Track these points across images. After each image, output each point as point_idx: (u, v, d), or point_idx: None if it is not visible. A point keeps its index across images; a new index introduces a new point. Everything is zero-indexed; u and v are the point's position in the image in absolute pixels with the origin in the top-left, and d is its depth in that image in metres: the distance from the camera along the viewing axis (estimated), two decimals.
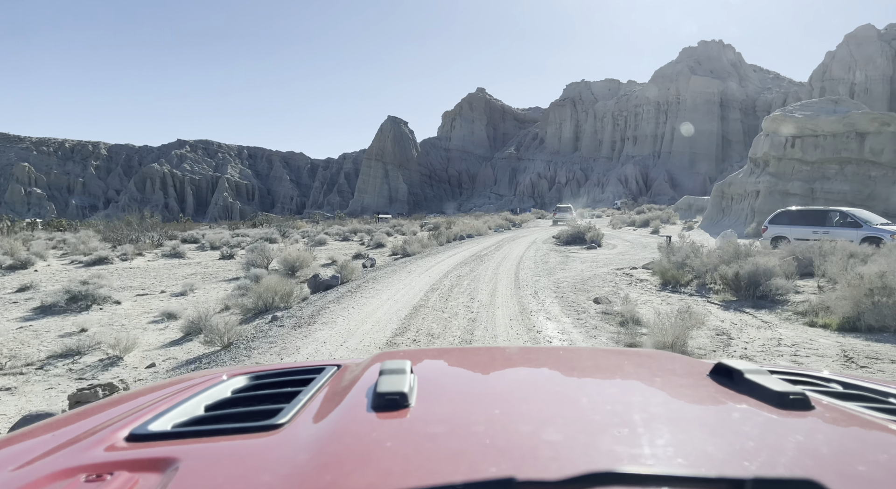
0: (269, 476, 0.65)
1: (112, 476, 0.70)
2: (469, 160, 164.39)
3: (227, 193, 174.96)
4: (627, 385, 1.10)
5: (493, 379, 1.17)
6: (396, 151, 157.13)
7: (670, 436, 0.73)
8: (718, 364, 1.13)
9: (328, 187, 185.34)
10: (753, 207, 27.22)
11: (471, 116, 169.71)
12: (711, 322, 7.80)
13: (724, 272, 9.83)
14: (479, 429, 0.75)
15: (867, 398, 1.04)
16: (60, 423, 1.03)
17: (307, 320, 8.29)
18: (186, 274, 15.38)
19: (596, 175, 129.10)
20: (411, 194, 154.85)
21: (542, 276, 13.23)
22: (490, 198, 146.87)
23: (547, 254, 19.61)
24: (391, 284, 11.88)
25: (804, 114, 25.96)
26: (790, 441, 0.74)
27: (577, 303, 9.62)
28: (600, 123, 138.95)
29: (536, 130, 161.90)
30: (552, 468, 0.60)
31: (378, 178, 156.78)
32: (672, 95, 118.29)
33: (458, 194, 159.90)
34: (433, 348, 1.73)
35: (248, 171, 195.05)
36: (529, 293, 10.72)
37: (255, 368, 1.35)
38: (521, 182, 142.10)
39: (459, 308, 9.08)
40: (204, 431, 0.84)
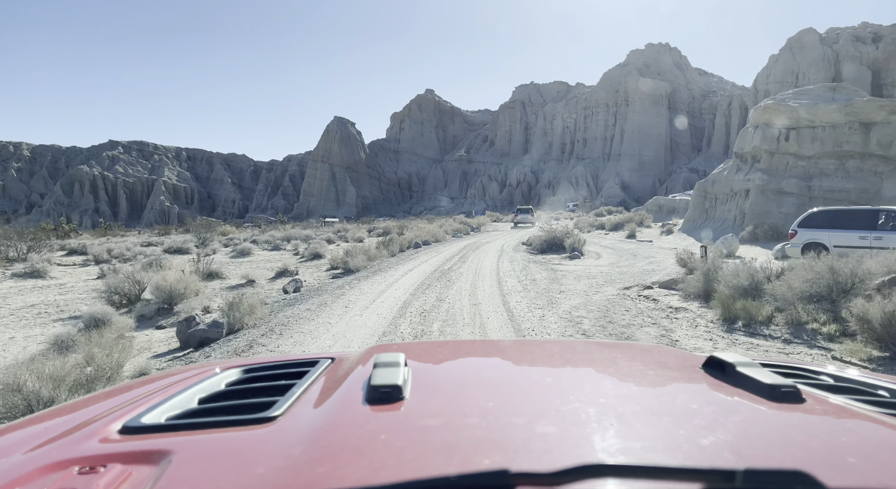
0: (262, 468, 0.65)
1: (105, 468, 0.70)
2: (419, 162, 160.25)
3: (163, 197, 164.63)
4: (621, 378, 1.10)
5: (487, 372, 1.17)
6: (343, 153, 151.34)
7: (663, 429, 0.73)
8: (711, 357, 1.14)
9: (272, 190, 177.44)
10: (743, 208, 24.04)
11: (420, 118, 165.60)
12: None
13: (862, 311, 5.92)
14: (473, 422, 0.75)
15: (857, 390, 1.05)
16: (53, 415, 1.02)
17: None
18: (19, 306, 10.45)
19: (547, 177, 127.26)
20: (360, 197, 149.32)
21: (543, 307, 9.06)
22: (441, 201, 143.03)
23: (526, 266, 15.56)
24: (312, 333, 7.38)
25: (800, 102, 22.96)
26: (781, 433, 0.75)
27: None
28: (550, 126, 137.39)
29: (486, 133, 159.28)
30: (545, 460, 0.61)
31: (324, 181, 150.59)
32: (621, 97, 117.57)
33: (409, 197, 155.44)
34: (427, 341, 1.65)
35: (186, 173, 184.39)
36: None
37: (248, 361, 1.33)
38: (472, 185, 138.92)
39: None
40: (197, 424, 0.84)
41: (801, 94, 24.24)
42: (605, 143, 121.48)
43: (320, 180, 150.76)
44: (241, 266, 18.04)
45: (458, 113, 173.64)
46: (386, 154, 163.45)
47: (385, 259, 17.74)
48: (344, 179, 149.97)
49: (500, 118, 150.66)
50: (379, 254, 17.76)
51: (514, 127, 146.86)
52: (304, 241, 24.67)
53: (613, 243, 24.39)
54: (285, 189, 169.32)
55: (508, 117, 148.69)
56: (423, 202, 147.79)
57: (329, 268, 16.07)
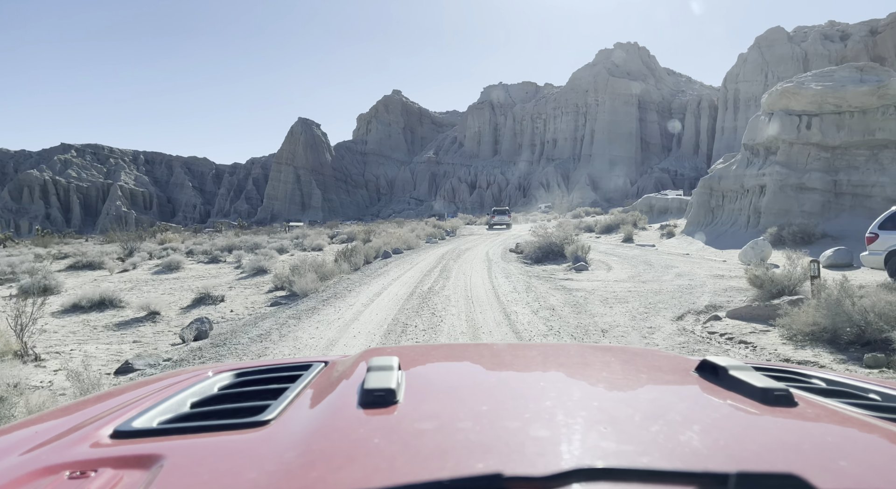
0: (255, 473, 0.64)
1: (96, 473, 0.69)
2: (387, 164, 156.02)
3: (120, 202, 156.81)
4: (614, 381, 1.09)
5: (481, 375, 1.16)
6: (309, 155, 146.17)
7: (656, 432, 0.73)
8: (704, 361, 1.13)
9: (235, 194, 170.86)
10: (757, 207, 20.93)
11: (387, 119, 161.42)
12: None
13: None
14: (467, 426, 0.75)
15: (849, 394, 1.05)
16: (43, 419, 1.01)
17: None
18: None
19: (517, 179, 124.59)
20: (326, 200, 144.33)
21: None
22: (410, 203, 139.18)
23: (529, 283, 11.95)
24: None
25: (823, 84, 19.99)
26: (774, 436, 0.75)
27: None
28: (519, 126, 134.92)
29: (455, 134, 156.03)
30: (539, 464, 0.61)
31: (289, 184, 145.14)
32: (591, 97, 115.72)
33: (377, 200, 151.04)
34: (421, 345, 1.64)
35: (144, 177, 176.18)
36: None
37: (241, 365, 1.32)
38: (441, 187, 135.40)
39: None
40: (190, 428, 0.83)
41: (822, 75, 21.29)
42: (575, 144, 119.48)
43: (284, 183, 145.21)
44: (161, 285, 13.97)
45: (426, 114, 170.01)
46: (353, 156, 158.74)
47: (346, 276, 13.86)
48: (309, 182, 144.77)
49: (469, 119, 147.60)
50: (338, 270, 13.88)
51: (483, 128, 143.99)
52: (252, 251, 20.58)
53: (613, 248, 21.03)
54: (249, 193, 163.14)
55: (477, 118, 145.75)
56: (391, 205, 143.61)
57: (270, 290, 12.19)
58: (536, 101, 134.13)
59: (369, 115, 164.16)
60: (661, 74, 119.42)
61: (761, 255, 15.75)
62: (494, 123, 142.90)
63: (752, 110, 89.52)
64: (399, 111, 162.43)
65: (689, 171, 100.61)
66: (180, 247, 23.06)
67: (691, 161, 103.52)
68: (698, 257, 18.13)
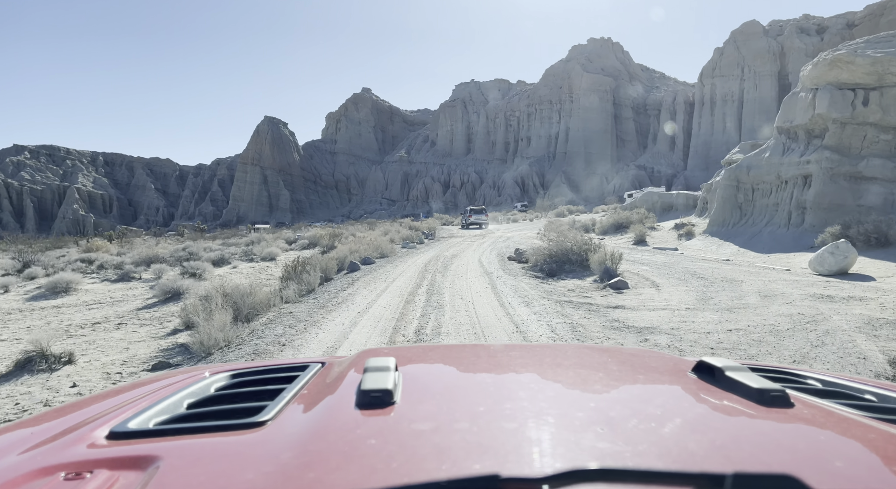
0: (252, 474, 0.64)
1: (92, 474, 0.68)
2: (357, 164, 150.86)
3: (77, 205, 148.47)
4: (610, 382, 1.09)
5: (478, 376, 1.15)
6: (276, 155, 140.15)
7: (652, 433, 0.73)
8: (700, 361, 1.12)
9: (200, 196, 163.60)
10: (800, 201, 17.23)
11: (357, 118, 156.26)
12: None
13: None
14: (464, 427, 0.74)
15: (845, 395, 1.05)
16: (39, 420, 1.00)
17: None
18: None
19: (491, 177, 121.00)
20: (294, 201, 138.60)
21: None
22: (382, 204, 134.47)
23: (564, 313, 7.77)
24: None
25: (883, 51, 16.37)
26: (770, 437, 0.75)
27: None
28: (493, 124, 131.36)
29: (427, 132, 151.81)
30: (536, 465, 0.60)
31: (255, 185, 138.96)
32: (565, 94, 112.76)
33: (347, 201, 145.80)
34: (418, 346, 1.64)
35: (104, 179, 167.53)
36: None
37: (238, 365, 1.31)
38: (413, 186, 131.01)
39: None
40: (186, 429, 0.82)
41: (878, 41, 17.70)
42: (550, 142, 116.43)
43: (251, 184, 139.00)
44: (14, 322, 9.43)
45: (397, 112, 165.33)
46: (322, 156, 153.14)
47: (288, 308, 9.46)
48: (277, 183, 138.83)
49: (441, 117, 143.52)
50: (278, 298, 9.52)
51: (456, 126, 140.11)
52: (181, 263, 15.99)
53: (630, 254, 17.08)
54: (214, 194, 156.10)
55: (449, 116, 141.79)
56: (363, 205, 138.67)
57: (174, 331, 7.84)
58: (509, 98, 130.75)
59: (339, 113, 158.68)
60: (635, 71, 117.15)
61: (843, 264, 11.98)
62: (467, 121, 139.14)
63: (729, 106, 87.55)
64: (369, 109, 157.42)
65: (667, 169, 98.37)
66: (111, 260, 18.24)
67: (668, 158, 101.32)
68: (745, 264, 14.32)
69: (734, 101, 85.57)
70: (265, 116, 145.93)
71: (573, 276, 12.19)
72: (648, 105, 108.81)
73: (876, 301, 8.43)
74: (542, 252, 13.75)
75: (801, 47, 79.46)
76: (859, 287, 9.98)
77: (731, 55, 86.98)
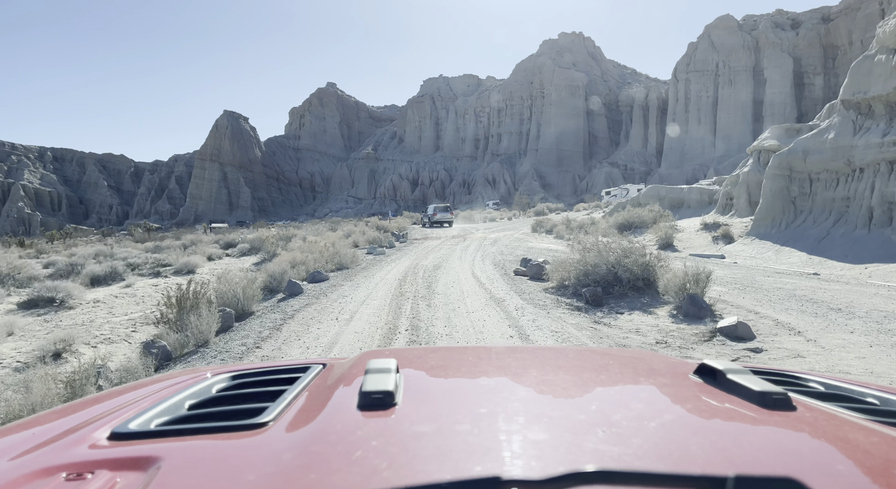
0: (253, 475, 0.63)
1: (93, 475, 0.68)
2: (322, 161, 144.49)
3: (23, 203, 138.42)
4: (612, 384, 1.08)
5: (480, 378, 1.14)
6: (236, 151, 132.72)
7: (654, 435, 0.72)
8: (702, 364, 1.11)
9: (157, 194, 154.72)
10: (885, 194, 13.16)
11: (322, 113, 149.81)
12: None
13: None
14: (465, 428, 0.74)
15: (847, 398, 1.04)
16: (41, 421, 1.00)
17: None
18: None
19: (461, 175, 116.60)
20: (256, 199, 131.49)
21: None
22: (348, 202, 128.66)
23: None
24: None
25: None
26: (772, 440, 0.74)
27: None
28: (462, 121, 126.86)
29: (395, 129, 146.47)
30: (537, 467, 0.60)
31: (214, 182, 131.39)
32: (536, 89, 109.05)
33: (312, 199, 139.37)
34: (419, 347, 1.63)
35: (52, 176, 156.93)
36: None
37: (239, 367, 1.30)
38: (381, 184, 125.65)
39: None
40: (187, 430, 0.82)
41: None
42: (521, 139, 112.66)
43: (209, 181, 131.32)
44: None
45: (364, 108, 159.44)
46: (285, 152, 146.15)
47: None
48: (237, 180, 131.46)
49: (409, 113, 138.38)
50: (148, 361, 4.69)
51: (424, 122, 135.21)
52: (62, 277, 10.90)
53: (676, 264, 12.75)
54: (171, 192, 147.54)
55: (418, 112, 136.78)
56: (328, 203, 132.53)
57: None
58: (479, 93, 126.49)
59: (302, 108, 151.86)
60: (607, 66, 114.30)
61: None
62: (436, 117, 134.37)
63: (703, 102, 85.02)
64: (334, 105, 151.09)
65: (640, 166, 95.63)
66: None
67: (640, 155, 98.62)
68: (852, 281, 10.14)
69: (709, 97, 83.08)
70: (224, 110, 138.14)
71: (633, 307, 7.72)
72: (621, 102, 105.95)
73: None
74: (571, 266, 9.23)
75: (776, 42, 77.37)
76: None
77: (705, 50, 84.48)
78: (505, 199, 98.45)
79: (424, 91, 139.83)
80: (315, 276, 11.36)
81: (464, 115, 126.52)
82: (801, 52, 75.87)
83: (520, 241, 20.97)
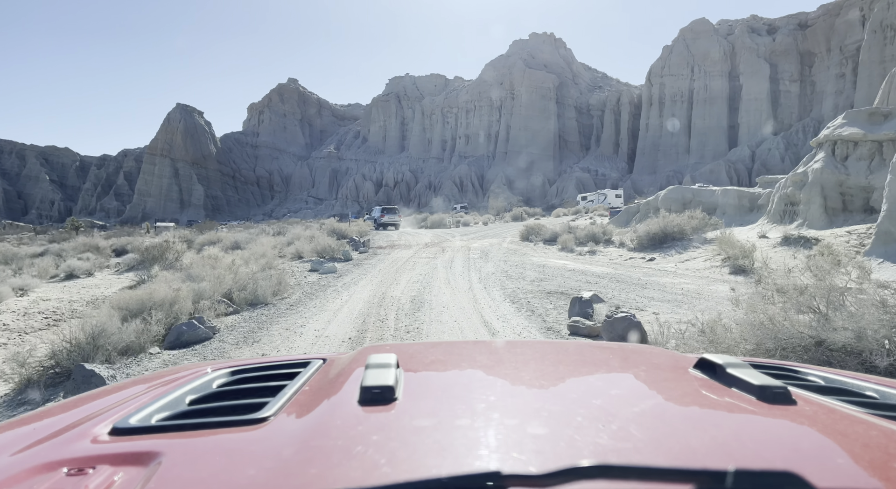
0: (254, 469, 0.63)
1: (94, 470, 0.68)
2: (282, 159, 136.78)
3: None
4: (612, 379, 1.08)
5: (480, 373, 1.12)
6: (189, 146, 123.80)
7: (654, 430, 0.72)
8: (702, 358, 1.10)
9: (104, 189, 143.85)
10: None
11: (282, 110, 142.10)
12: None
13: None
14: (465, 423, 0.74)
15: (847, 392, 1.03)
16: (42, 416, 0.99)
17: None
18: None
19: (427, 177, 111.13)
20: (209, 198, 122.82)
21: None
22: (308, 202, 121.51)
23: None
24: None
25: None
26: (771, 434, 0.74)
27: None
28: (429, 121, 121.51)
29: (359, 128, 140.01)
30: (537, 461, 0.60)
31: (165, 178, 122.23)
32: (506, 91, 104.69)
33: (270, 198, 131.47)
34: (419, 342, 1.58)
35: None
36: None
37: (240, 362, 1.29)
38: (343, 185, 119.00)
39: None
40: (188, 425, 0.81)
41: None
42: (489, 141, 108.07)
43: (159, 178, 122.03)
44: None
45: (326, 106, 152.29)
46: (242, 149, 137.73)
47: None
48: (189, 177, 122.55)
49: (374, 112, 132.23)
50: None
51: (389, 122, 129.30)
52: None
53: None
54: (119, 188, 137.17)
55: (382, 111, 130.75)
56: (287, 204, 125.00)
57: None
58: (447, 93, 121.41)
59: (262, 104, 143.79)
60: (578, 69, 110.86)
61: None
62: (402, 117, 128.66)
63: (679, 106, 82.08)
64: (295, 101, 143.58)
65: (611, 172, 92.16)
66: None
67: (612, 161, 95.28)
68: None
69: (684, 102, 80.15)
70: (177, 103, 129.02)
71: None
72: (592, 105, 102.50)
73: None
74: (749, 335, 3.91)
75: (752, 47, 74.97)
76: None
77: (680, 54, 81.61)
78: (472, 202, 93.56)
79: (390, 90, 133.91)
80: (181, 334, 5.71)
81: (430, 116, 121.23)
82: (777, 58, 73.61)
83: (516, 254, 15.72)
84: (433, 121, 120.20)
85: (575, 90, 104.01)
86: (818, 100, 70.08)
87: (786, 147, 67.01)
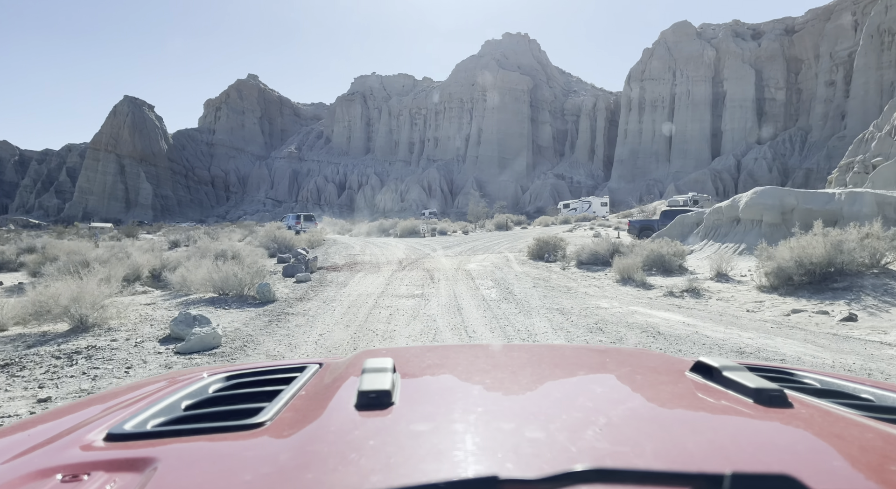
0: (250, 475, 0.62)
1: (89, 476, 0.67)
2: (239, 158, 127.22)
3: None
4: (609, 382, 1.07)
5: (476, 377, 1.11)
6: (137, 142, 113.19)
7: (651, 433, 0.71)
8: (698, 362, 1.09)
9: (44, 186, 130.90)
10: None
11: (241, 107, 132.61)
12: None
13: None
14: (462, 427, 0.73)
15: (843, 395, 1.02)
16: (36, 422, 0.98)
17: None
18: None
19: (393, 180, 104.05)
20: (159, 197, 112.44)
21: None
22: (266, 204, 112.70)
23: None
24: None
25: None
26: (768, 437, 0.73)
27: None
28: (396, 122, 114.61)
29: (322, 128, 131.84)
30: (534, 466, 0.59)
31: (109, 175, 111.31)
32: (477, 92, 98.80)
33: (225, 199, 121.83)
34: (416, 346, 1.59)
35: None
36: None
37: (236, 367, 1.28)
38: (304, 186, 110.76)
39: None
40: (183, 431, 0.80)
41: None
42: (460, 144, 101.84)
43: (103, 174, 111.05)
44: None
45: (288, 104, 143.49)
46: (196, 146, 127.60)
47: None
48: (137, 174, 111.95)
49: (338, 112, 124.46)
50: None
51: (354, 122, 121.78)
52: None
53: None
54: (61, 185, 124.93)
55: (347, 111, 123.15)
56: (243, 205, 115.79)
57: None
58: (415, 94, 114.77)
59: (219, 100, 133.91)
60: (552, 72, 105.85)
61: None
62: (367, 118, 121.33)
63: (659, 111, 77.45)
64: (255, 98, 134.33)
65: (586, 179, 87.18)
66: None
67: (586, 167, 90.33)
68: None
69: (664, 107, 75.67)
70: (125, 96, 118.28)
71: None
72: (567, 109, 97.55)
73: None
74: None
75: (737, 52, 71.05)
76: None
77: (661, 57, 77.22)
78: (442, 208, 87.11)
79: (355, 89, 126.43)
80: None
81: (398, 117, 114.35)
82: (762, 63, 69.81)
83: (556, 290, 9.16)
84: (400, 122, 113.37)
85: (549, 93, 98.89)
86: (804, 108, 66.46)
87: (773, 157, 62.90)
